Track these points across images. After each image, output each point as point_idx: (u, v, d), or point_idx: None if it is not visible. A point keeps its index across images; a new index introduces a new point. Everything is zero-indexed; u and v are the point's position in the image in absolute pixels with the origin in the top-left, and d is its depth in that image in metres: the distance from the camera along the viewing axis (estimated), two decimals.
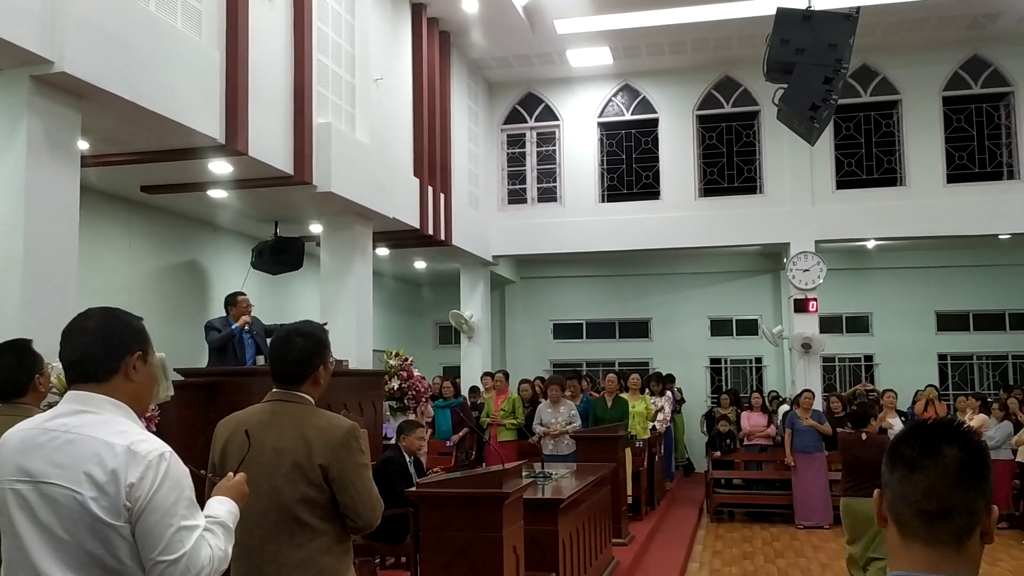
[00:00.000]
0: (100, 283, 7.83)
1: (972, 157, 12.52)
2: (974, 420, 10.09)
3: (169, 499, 1.82)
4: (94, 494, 1.79)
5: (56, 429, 1.87)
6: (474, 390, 11.57)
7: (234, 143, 6.59)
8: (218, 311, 7.97)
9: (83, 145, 6.01)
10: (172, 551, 1.80)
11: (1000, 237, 12.39)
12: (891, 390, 11.06)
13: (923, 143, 12.35)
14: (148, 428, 3.49)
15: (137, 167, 7.08)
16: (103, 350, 1.96)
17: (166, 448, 1.88)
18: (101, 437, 1.84)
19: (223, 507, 2.09)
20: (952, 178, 12.34)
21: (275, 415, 2.57)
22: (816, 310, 12.22)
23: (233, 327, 6.98)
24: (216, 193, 8.14)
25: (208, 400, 5.31)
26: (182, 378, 5.39)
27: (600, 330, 15.53)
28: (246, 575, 2.49)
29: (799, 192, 12.53)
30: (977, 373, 14.52)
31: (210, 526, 1.96)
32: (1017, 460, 9.20)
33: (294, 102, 7.61)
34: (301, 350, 2.61)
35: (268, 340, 6.87)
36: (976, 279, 14.21)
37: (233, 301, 7.17)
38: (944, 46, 12.16)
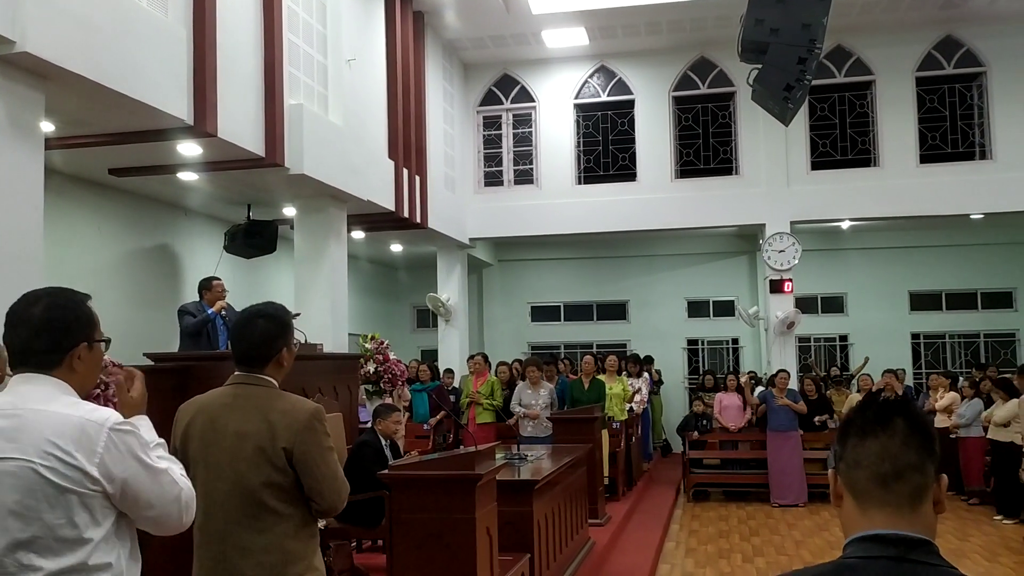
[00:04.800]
0: (68, 267, 7.70)
1: (945, 138, 12.61)
2: (945, 398, 10.22)
3: (144, 458, 1.88)
4: (50, 464, 1.79)
5: (4, 408, 1.86)
6: (448, 372, 11.54)
7: (203, 124, 6.48)
8: (191, 295, 7.88)
9: (48, 127, 5.90)
10: (170, 494, 1.91)
11: (972, 217, 12.51)
12: (892, 370, 11.32)
13: (897, 124, 12.41)
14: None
15: (104, 149, 6.96)
16: (47, 343, 1.92)
17: (115, 413, 1.92)
18: (50, 409, 1.84)
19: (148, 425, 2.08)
20: (925, 159, 12.42)
21: (237, 398, 2.53)
22: (792, 291, 12.31)
23: (209, 312, 6.90)
24: (186, 176, 8.02)
25: (179, 385, 5.24)
26: (152, 363, 5.32)
27: (578, 312, 15.55)
28: (210, 560, 2.46)
29: (774, 173, 12.57)
30: (949, 352, 14.70)
31: (166, 455, 2.02)
32: (987, 437, 9.31)
33: (264, 83, 7.49)
34: (264, 332, 2.57)
35: None
36: (949, 259, 14.36)
37: (208, 286, 7.10)
38: (917, 26, 12.21)
